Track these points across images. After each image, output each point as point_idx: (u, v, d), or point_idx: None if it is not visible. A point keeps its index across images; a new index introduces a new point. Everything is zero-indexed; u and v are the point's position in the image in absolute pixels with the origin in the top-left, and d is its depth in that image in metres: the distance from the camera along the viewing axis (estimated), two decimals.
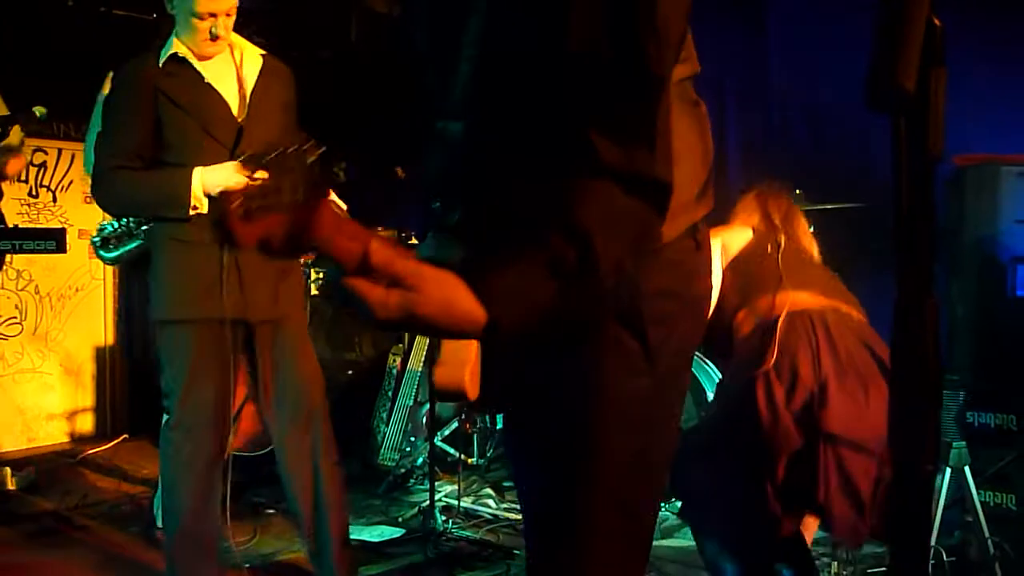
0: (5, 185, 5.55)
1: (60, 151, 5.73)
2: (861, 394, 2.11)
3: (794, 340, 2.16)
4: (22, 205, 5.64)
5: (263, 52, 2.75)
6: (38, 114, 3.25)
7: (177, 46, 2.61)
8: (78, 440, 5.48)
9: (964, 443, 3.09)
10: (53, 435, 5.54)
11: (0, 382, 5.39)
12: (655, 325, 1.21)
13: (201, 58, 2.63)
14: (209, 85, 2.62)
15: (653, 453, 1.26)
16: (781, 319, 2.18)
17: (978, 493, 3.11)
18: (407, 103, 3.43)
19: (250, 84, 2.66)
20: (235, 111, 2.63)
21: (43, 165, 5.75)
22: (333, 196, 2.77)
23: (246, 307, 2.61)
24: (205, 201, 2.52)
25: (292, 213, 0.97)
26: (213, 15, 2.52)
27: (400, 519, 4.03)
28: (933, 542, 2.97)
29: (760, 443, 2.08)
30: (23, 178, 5.62)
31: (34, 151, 5.68)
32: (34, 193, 5.70)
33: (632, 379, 1.21)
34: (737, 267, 2.46)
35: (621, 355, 1.21)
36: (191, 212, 2.53)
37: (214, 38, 2.55)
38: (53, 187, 5.77)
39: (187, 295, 2.62)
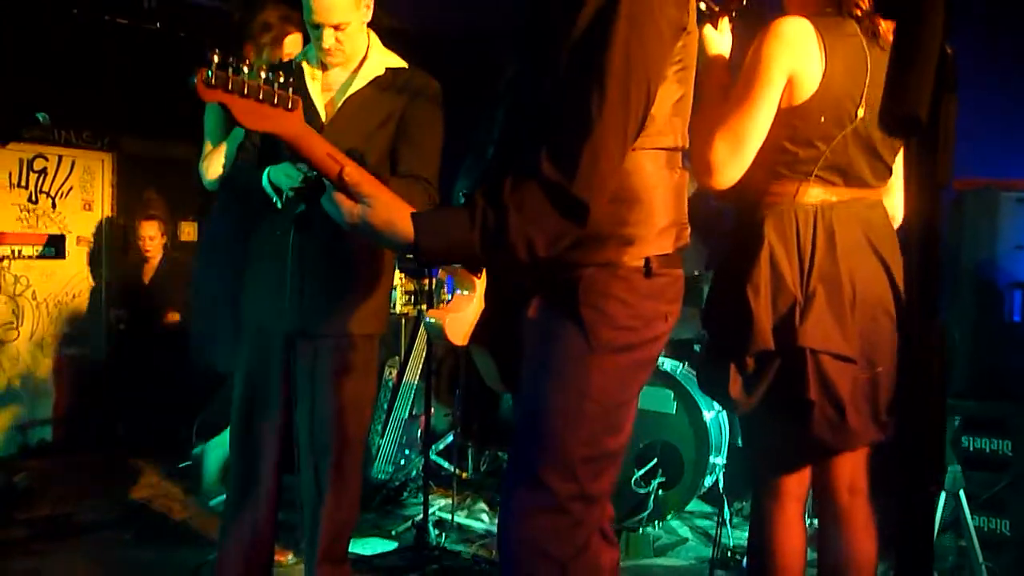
0: (4, 191, 5.56)
1: (60, 157, 5.74)
2: (849, 310, 2.05)
3: (783, 240, 2.08)
4: (21, 211, 5.64)
5: (399, 66, 2.72)
6: (41, 120, 3.26)
7: (303, 56, 2.70)
8: (71, 445, 5.44)
9: (959, 467, 3.09)
10: (46, 440, 5.52)
11: None
12: (592, 314, 1.59)
13: (325, 67, 2.68)
14: (306, 91, 2.64)
15: (590, 418, 1.60)
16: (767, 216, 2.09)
17: (972, 518, 3.12)
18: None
19: (351, 91, 2.65)
20: (323, 117, 2.63)
21: (43, 171, 5.74)
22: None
23: (296, 319, 2.59)
24: (275, 197, 2.57)
25: (269, 107, 1.43)
26: (319, 26, 2.56)
27: (393, 532, 4.01)
28: None
29: (737, 332, 2.05)
30: (23, 184, 5.62)
31: (34, 157, 5.68)
32: (34, 199, 5.69)
33: (577, 353, 1.59)
34: None
35: (571, 334, 1.60)
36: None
37: (324, 50, 2.60)
38: (53, 193, 5.76)
39: (249, 301, 2.73)
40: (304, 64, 2.68)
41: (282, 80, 1.47)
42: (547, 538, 1.59)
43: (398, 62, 2.74)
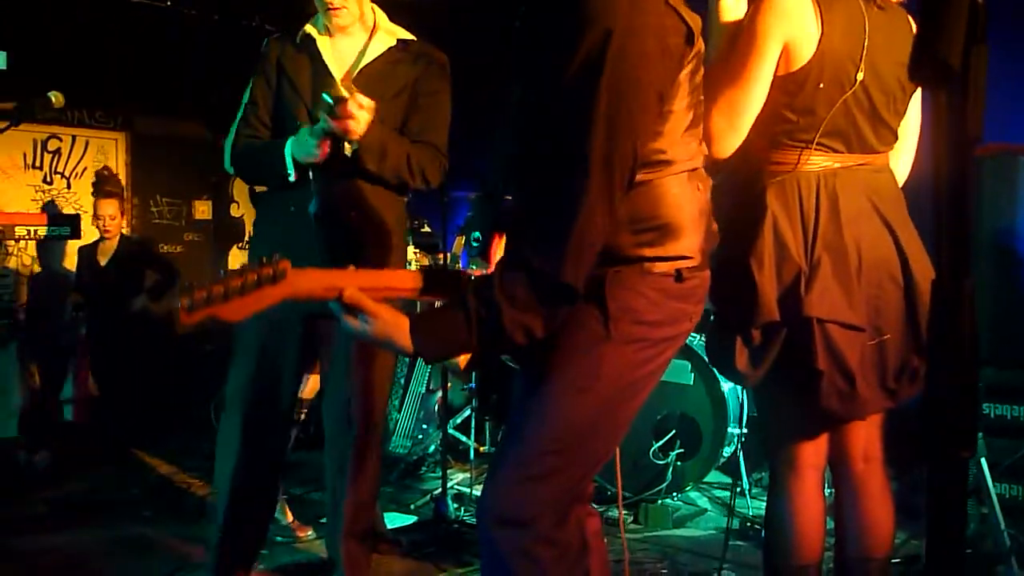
0: (19, 172, 5.58)
1: (74, 138, 5.75)
2: (855, 278, 2.03)
3: (786, 209, 2.06)
4: (36, 191, 5.66)
5: (409, 38, 2.72)
6: (54, 100, 3.23)
7: (310, 25, 2.68)
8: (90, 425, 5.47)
9: (980, 435, 3.07)
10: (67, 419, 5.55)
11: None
12: (615, 302, 1.59)
13: (333, 35, 2.67)
14: (323, 62, 2.64)
15: (592, 401, 1.61)
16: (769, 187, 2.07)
17: (994, 485, 3.10)
18: None
19: (364, 62, 2.66)
20: (340, 85, 2.57)
21: (57, 152, 5.77)
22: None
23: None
24: (295, 170, 2.55)
25: (256, 293, 1.49)
26: None
27: (412, 506, 4.03)
28: None
29: (742, 305, 2.03)
30: (38, 164, 5.64)
31: (48, 138, 5.69)
32: (48, 180, 5.72)
33: (591, 339, 1.60)
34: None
35: (586, 321, 1.60)
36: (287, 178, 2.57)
37: (332, 10, 2.59)
38: (67, 174, 5.79)
39: None
40: (313, 33, 2.67)
41: (264, 259, 1.50)
42: (528, 508, 1.60)
43: (406, 34, 2.73)
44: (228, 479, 2.65)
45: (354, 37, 2.68)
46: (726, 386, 3.96)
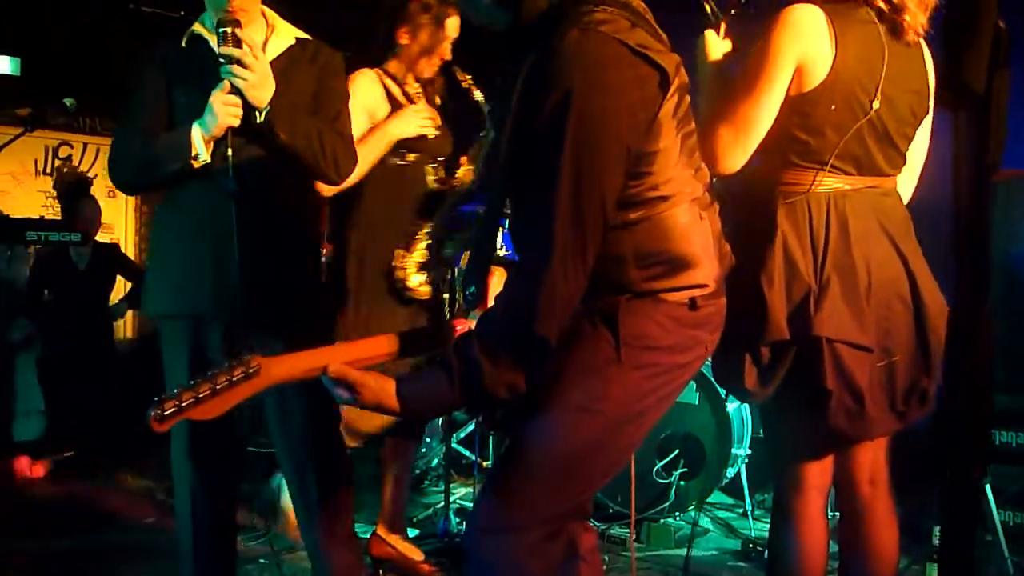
0: (30, 178, 5.61)
1: (85, 145, 5.78)
2: (864, 299, 2.03)
3: (796, 229, 2.06)
4: (47, 198, 5.68)
5: (305, 36, 2.60)
6: (68, 105, 3.26)
7: (198, 25, 2.49)
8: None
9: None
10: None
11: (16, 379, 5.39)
12: (628, 328, 1.59)
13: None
14: (219, 62, 2.41)
15: (597, 423, 1.60)
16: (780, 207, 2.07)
17: (998, 512, 3.08)
18: None
19: (272, 58, 2.47)
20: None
21: (68, 159, 5.79)
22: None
23: (234, 306, 2.38)
24: (206, 150, 2.35)
25: (230, 391, 1.51)
26: None
27: (414, 520, 4.02)
28: None
29: (751, 323, 2.03)
30: (48, 171, 5.66)
31: (59, 144, 5.72)
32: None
33: (601, 362, 1.60)
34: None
35: (596, 342, 1.61)
36: (194, 162, 2.35)
37: (227, 12, 2.38)
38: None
39: (180, 287, 2.47)
40: (205, 33, 2.48)
41: (233, 362, 1.52)
42: (520, 519, 1.61)
43: (302, 34, 2.60)
44: (188, 516, 2.55)
45: (256, 29, 2.51)
46: (731, 406, 3.95)
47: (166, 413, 1.47)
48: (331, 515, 2.58)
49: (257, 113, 2.36)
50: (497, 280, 1.71)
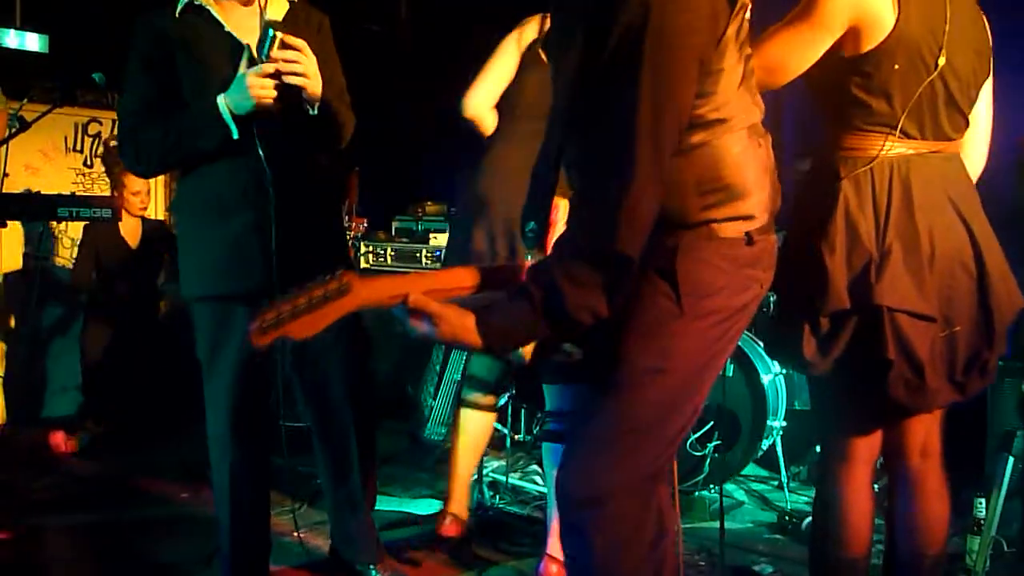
0: (60, 155, 5.63)
1: (114, 122, 5.75)
2: (927, 267, 1.99)
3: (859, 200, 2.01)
4: (77, 174, 5.71)
5: (293, 1, 2.57)
6: (98, 80, 3.24)
7: None
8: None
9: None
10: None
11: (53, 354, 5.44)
12: (686, 276, 1.57)
13: (224, 4, 2.46)
14: (228, 33, 2.43)
15: (670, 381, 1.60)
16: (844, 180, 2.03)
17: None
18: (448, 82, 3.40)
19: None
20: (255, 53, 2.42)
21: (97, 136, 5.80)
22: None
23: (269, 285, 2.40)
24: (232, 124, 2.34)
25: (324, 308, 1.46)
26: None
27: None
28: (993, 532, 2.90)
29: (811, 291, 1.99)
30: (78, 147, 5.67)
31: (89, 121, 5.73)
32: (88, 163, 5.76)
33: (663, 316, 1.58)
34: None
35: (656, 296, 1.58)
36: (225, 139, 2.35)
37: None
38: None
39: (213, 269, 2.49)
40: (207, 5, 2.44)
41: (329, 277, 1.48)
42: (606, 487, 1.60)
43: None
44: (226, 489, 2.60)
45: (247, 3, 2.48)
46: (766, 378, 3.91)
47: (266, 325, 1.43)
48: (358, 482, 2.65)
49: (310, 107, 2.37)
50: (561, 214, 1.67)
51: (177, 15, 2.44)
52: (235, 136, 2.34)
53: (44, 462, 4.39)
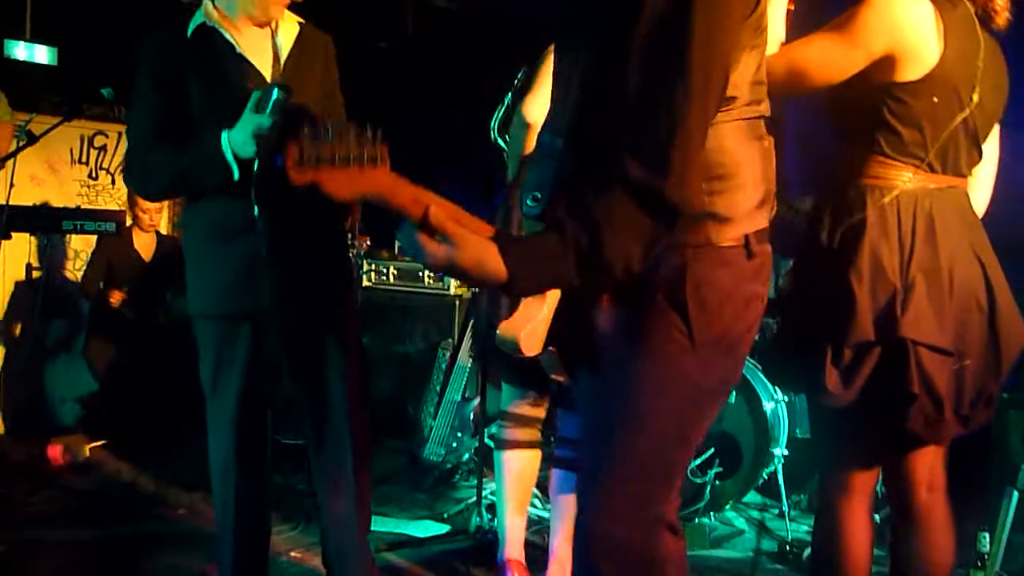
0: (66, 166, 5.63)
1: (120, 134, 5.78)
2: (947, 301, 1.98)
3: (883, 232, 2.01)
4: (82, 187, 5.71)
5: (300, 20, 2.57)
6: (107, 95, 3.25)
7: (207, 15, 2.44)
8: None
9: None
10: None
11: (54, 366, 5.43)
12: (697, 308, 1.49)
13: (241, 24, 2.46)
14: (241, 55, 2.42)
15: (683, 414, 1.55)
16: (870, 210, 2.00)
17: None
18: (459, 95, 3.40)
19: (285, 52, 2.49)
20: (269, 80, 2.44)
21: (103, 148, 5.81)
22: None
23: (265, 306, 2.46)
24: (238, 167, 2.35)
25: (358, 170, 1.31)
26: None
27: (445, 515, 4.00)
28: (998, 567, 2.88)
29: (835, 321, 1.98)
30: (84, 160, 5.68)
31: (95, 134, 5.74)
32: (94, 175, 5.77)
33: (675, 351, 1.51)
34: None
35: (668, 330, 1.50)
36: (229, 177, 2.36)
37: (270, 3, 2.39)
38: (112, 170, 5.83)
39: (218, 289, 2.51)
40: (220, 27, 2.43)
41: (370, 136, 1.34)
42: (633, 540, 1.56)
43: (292, 15, 2.56)
44: (230, 513, 2.58)
45: (261, 26, 2.48)
46: (768, 405, 3.89)
47: (304, 163, 1.29)
48: (353, 501, 2.61)
49: None
50: None
51: (189, 34, 2.44)
52: (236, 177, 2.36)
53: (41, 475, 4.36)
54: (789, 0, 2.08)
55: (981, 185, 2.19)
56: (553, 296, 1.56)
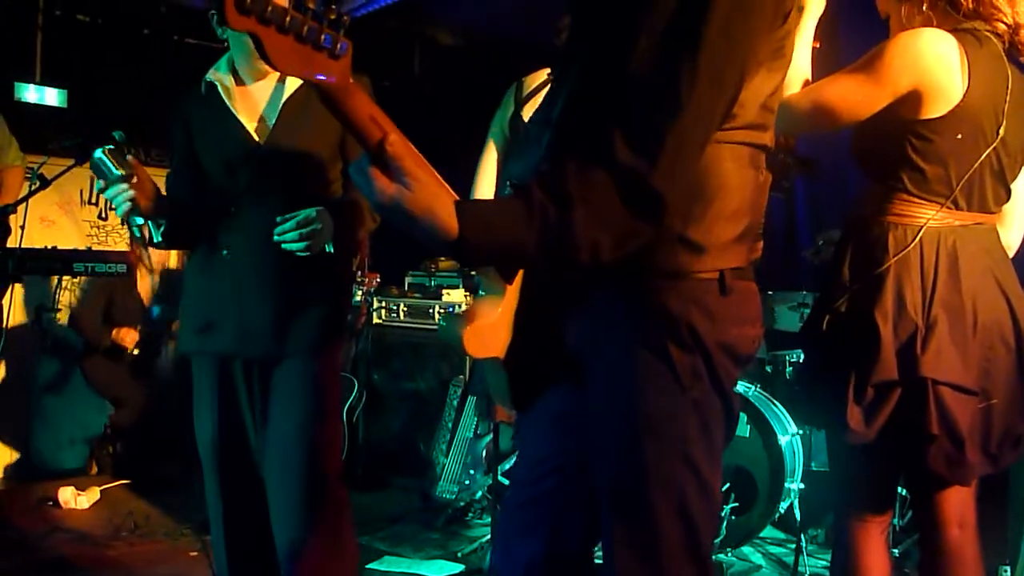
0: (76, 207, 5.65)
1: None
2: (970, 339, 1.95)
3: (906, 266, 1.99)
4: (91, 227, 5.73)
5: None
6: (118, 139, 3.26)
7: (214, 69, 2.46)
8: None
9: None
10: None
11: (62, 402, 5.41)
12: (679, 350, 1.37)
13: (247, 80, 2.46)
14: (229, 111, 2.42)
15: (680, 463, 1.40)
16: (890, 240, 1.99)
17: None
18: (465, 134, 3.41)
19: (285, 97, 2.43)
20: (255, 134, 2.41)
21: None
22: None
23: (241, 341, 2.41)
24: (146, 230, 2.40)
25: (311, 50, 1.15)
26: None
27: (459, 554, 3.96)
28: None
29: (859, 359, 1.96)
30: (93, 200, 5.70)
31: None
32: (103, 216, 5.78)
33: (664, 400, 1.38)
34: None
35: (654, 377, 1.38)
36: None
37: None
38: None
39: (190, 325, 2.51)
40: (217, 80, 2.43)
41: (332, 17, 1.17)
42: None
43: None
44: (222, 542, 2.52)
45: (268, 76, 2.46)
46: (783, 439, 3.87)
47: (249, 4, 1.10)
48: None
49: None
50: None
51: (203, 91, 2.47)
52: (156, 239, 2.41)
53: (52, 517, 4.34)
54: (814, 39, 2.10)
55: (1013, 223, 2.18)
56: (510, 299, 1.45)
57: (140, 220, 2.31)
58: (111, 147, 2.26)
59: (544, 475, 1.60)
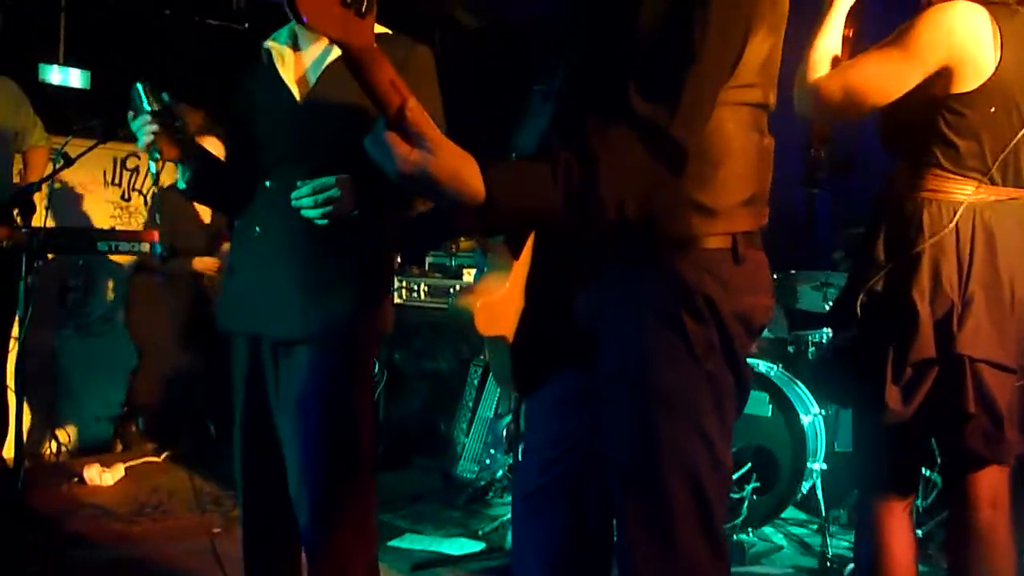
0: (100, 188, 5.69)
1: None
2: (1008, 316, 1.93)
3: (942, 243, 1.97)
4: (115, 208, 5.76)
5: (383, 31, 2.39)
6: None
7: (271, 40, 2.43)
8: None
9: None
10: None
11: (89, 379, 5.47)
12: (693, 321, 1.38)
13: (304, 44, 2.40)
14: (276, 73, 2.38)
15: (693, 436, 1.41)
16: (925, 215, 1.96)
17: None
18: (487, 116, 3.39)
19: (328, 61, 2.36)
20: (297, 95, 2.36)
21: (135, 170, 5.86)
22: None
23: (267, 322, 2.36)
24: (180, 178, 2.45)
25: (349, 13, 1.13)
26: None
27: (480, 532, 3.97)
28: None
29: (896, 338, 1.94)
30: (116, 181, 5.74)
31: (127, 156, 5.80)
32: (127, 196, 5.82)
33: (678, 372, 1.39)
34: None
35: (668, 349, 1.39)
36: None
37: None
38: (145, 191, 5.88)
39: (228, 304, 2.49)
40: (272, 46, 2.42)
41: None
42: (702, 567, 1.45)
43: (382, 28, 2.41)
44: (242, 520, 2.53)
45: (321, 40, 2.38)
46: (806, 419, 3.84)
47: None
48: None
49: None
50: None
51: (264, 60, 2.44)
52: (181, 185, 2.44)
53: (77, 495, 4.39)
54: (845, 26, 2.08)
55: None
56: (517, 275, 1.44)
57: (157, 156, 2.34)
58: (149, 84, 2.33)
59: (557, 458, 1.60)
